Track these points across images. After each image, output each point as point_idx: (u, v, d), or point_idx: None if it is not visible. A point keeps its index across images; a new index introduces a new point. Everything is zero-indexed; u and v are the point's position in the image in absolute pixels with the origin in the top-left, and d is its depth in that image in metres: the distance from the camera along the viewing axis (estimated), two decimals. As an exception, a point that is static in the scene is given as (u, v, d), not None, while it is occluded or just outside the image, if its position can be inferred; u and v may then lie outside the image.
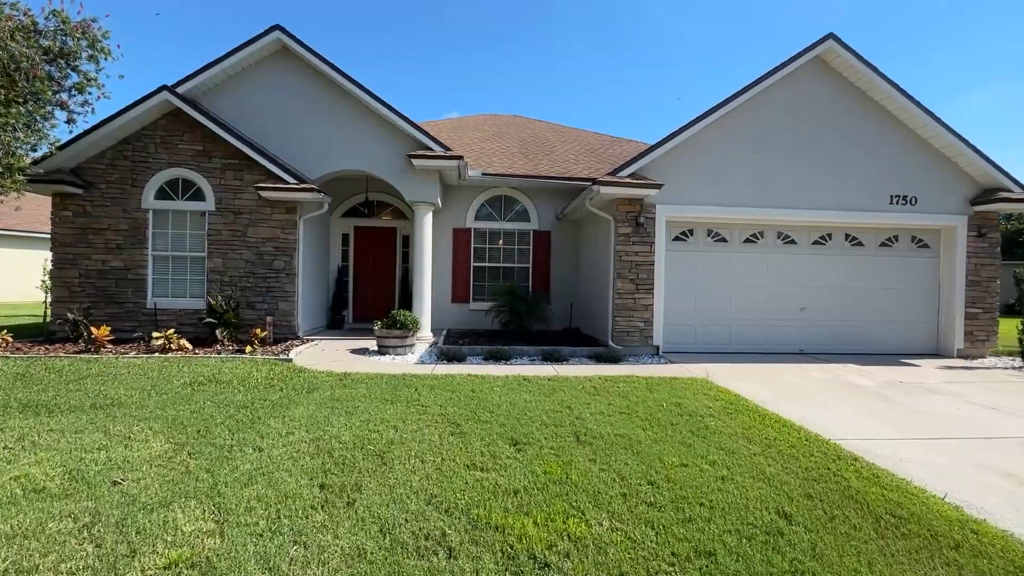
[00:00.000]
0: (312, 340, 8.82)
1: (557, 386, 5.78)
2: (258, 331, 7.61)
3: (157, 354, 7.10)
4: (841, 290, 8.67)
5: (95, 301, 8.56)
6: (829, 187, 8.31)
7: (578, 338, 9.30)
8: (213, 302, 7.97)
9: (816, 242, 8.69)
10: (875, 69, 8.14)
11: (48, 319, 9.30)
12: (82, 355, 6.94)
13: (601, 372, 6.70)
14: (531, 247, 10.70)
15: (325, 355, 7.60)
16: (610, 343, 8.09)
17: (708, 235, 8.53)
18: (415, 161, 8.64)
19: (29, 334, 9.04)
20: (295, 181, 8.52)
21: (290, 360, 6.96)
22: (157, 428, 4.02)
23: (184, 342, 7.41)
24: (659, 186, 7.73)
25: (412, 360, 7.39)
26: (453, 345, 8.13)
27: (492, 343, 8.59)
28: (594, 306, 9.46)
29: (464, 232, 10.54)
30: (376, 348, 8.07)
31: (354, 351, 8.01)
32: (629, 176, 7.88)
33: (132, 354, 7.07)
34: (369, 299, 11.13)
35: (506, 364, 7.27)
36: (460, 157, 8.71)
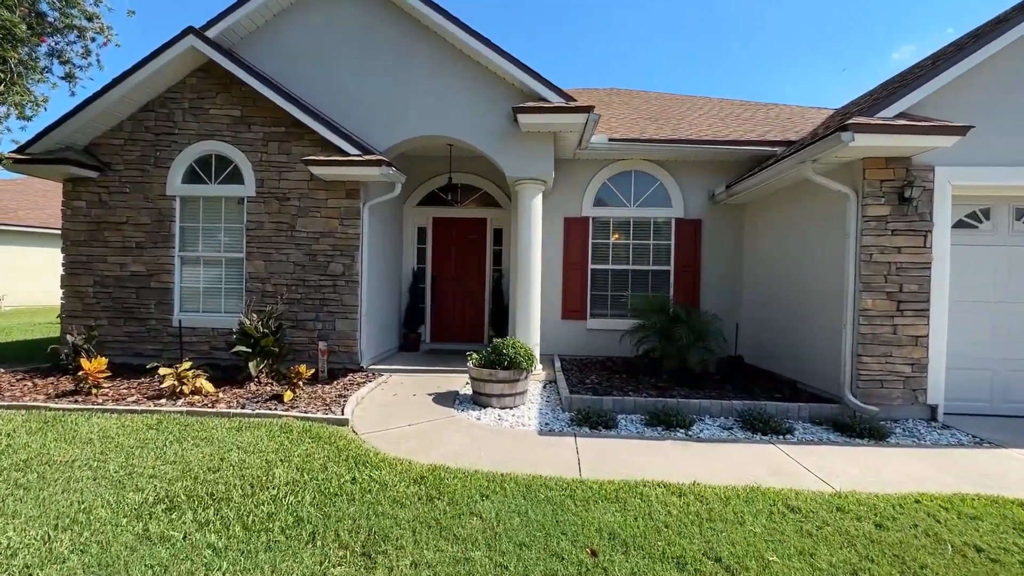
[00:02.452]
0: (379, 374, 6.33)
1: (861, 525, 2.76)
2: (302, 369, 5.17)
3: (163, 401, 4.86)
4: None
5: (113, 316, 6.61)
6: None
7: (753, 379, 6.14)
8: (247, 322, 5.67)
9: None
10: None
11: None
12: (58, 401, 4.83)
13: (877, 465, 3.61)
14: (673, 242, 7.64)
15: (397, 408, 5.03)
16: (848, 397, 4.88)
17: (1018, 218, 5.07)
18: (524, 118, 5.89)
19: (34, 356, 7.28)
20: (358, 152, 6.07)
21: (344, 421, 4.44)
22: None
23: (203, 382, 5.13)
24: (963, 130, 4.41)
25: (530, 421, 4.63)
26: (586, 392, 5.30)
27: (633, 383, 5.68)
28: (789, 331, 6.24)
29: (579, 223, 7.68)
30: (470, 394, 5.42)
31: (438, 399, 5.39)
32: (898, 118, 4.63)
33: (121, 404, 4.87)
34: (451, 312, 8.59)
35: (682, 433, 4.33)
36: (590, 108, 5.86)
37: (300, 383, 5.17)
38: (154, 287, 6.57)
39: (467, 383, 5.99)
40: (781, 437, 4.32)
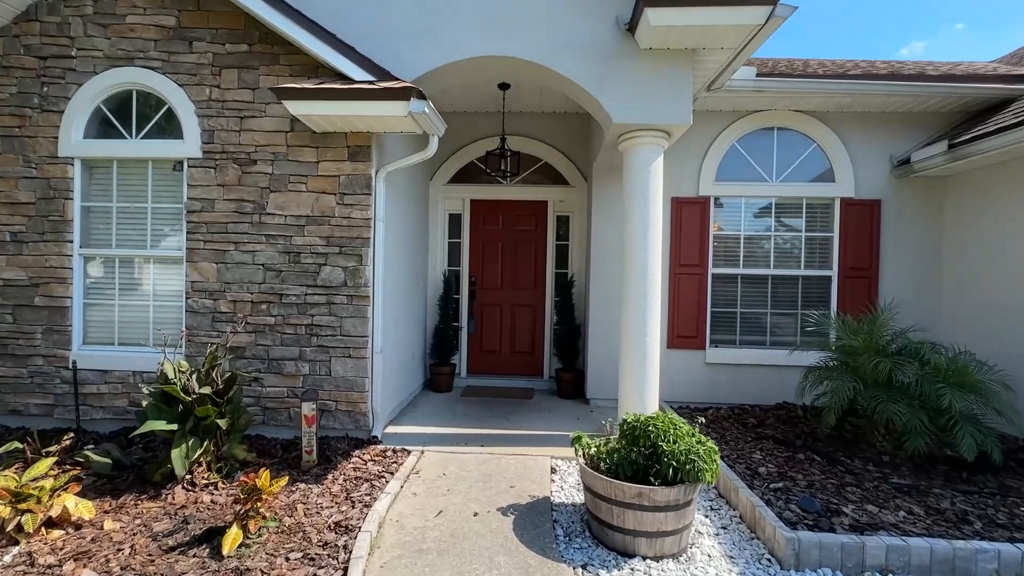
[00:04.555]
0: (403, 452, 3.82)
1: None
2: (261, 482, 2.62)
3: (-27, 556, 2.38)
4: None
5: (-21, 350, 4.12)
6: None
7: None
8: (171, 372, 3.17)
9: None
10: None
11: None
12: None
13: None
14: (836, 233, 5.11)
15: (453, 558, 2.52)
16: None
17: None
18: (660, 15, 3.35)
19: None
20: (369, 77, 3.56)
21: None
22: None
23: (71, 501, 2.63)
24: None
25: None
26: (808, 515, 2.80)
27: (836, 471, 3.15)
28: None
29: (694, 207, 5.16)
30: (567, 505, 2.92)
31: (522, 526, 2.87)
32: None
33: None
34: (497, 334, 6.08)
35: None
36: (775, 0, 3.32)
37: (266, 493, 2.65)
38: (40, 305, 4.07)
39: (555, 475, 3.51)
40: None
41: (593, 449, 2.92)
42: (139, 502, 2.93)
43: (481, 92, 5.27)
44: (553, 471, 3.58)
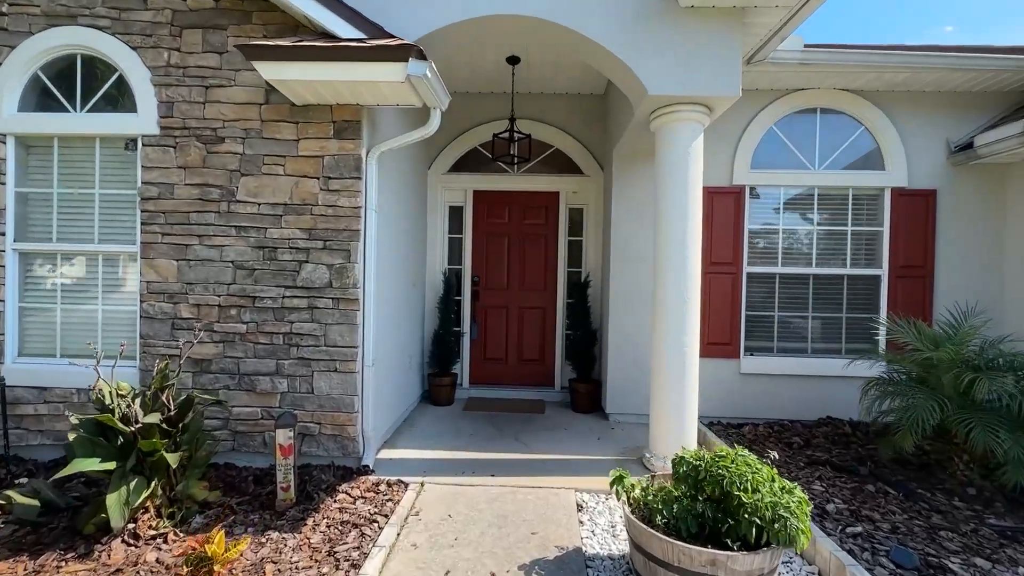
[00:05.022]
0: (398, 485, 3.20)
1: None
2: (212, 548, 2.00)
3: None
4: None
5: None
6: None
7: None
8: (107, 395, 2.53)
9: None
10: None
11: None
12: None
13: None
14: (887, 227, 4.55)
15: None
16: None
17: None
18: (710, -43, 2.78)
19: None
20: (359, 34, 2.94)
21: None
22: None
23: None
24: None
25: None
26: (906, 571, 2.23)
27: (914, 506, 2.56)
28: None
29: (727, 197, 4.58)
30: (602, 557, 2.33)
31: (554, 589, 2.28)
32: None
33: None
34: (503, 340, 5.47)
35: None
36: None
37: (220, 561, 2.03)
38: (-34, 309, 3.42)
39: (583, 514, 2.91)
40: None
41: (638, 490, 2.32)
42: (63, 562, 2.30)
43: (488, 67, 4.66)
44: (580, 508, 2.98)
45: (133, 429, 2.47)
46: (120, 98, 3.43)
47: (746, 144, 4.57)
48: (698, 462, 2.15)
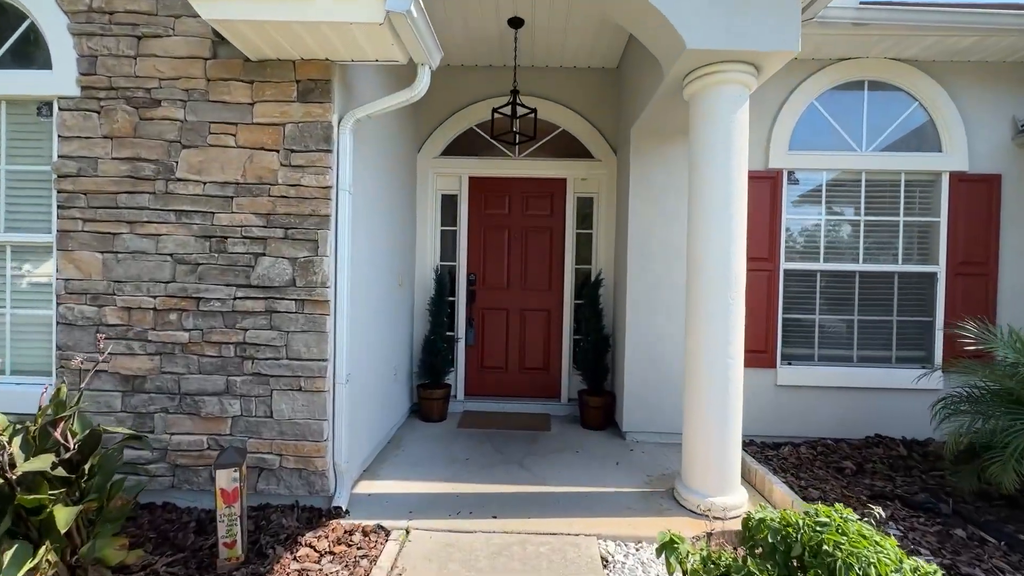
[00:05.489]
0: (378, 533, 2.56)
1: None
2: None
3: None
4: None
5: None
6: None
7: None
8: (-19, 435, 1.87)
9: None
10: None
11: None
12: None
13: None
14: (944, 217, 3.97)
15: None
16: None
17: None
18: None
19: None
20: (322, -38, 2.29)
21: None
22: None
23: None
24: None
25: None
26: None
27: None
28: None
29: (762, 182, 3.98)
30: None
31: None
32: None
33: None
34: (502, 346, 4.84)
35: None
36: None
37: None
38: None
39: (609, 570, 2.29)
40: None
41: (695, 560, 1.71)
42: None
43: (487, 31, 4.03)
44: (605, 564, 2.37)
45: (11, 478, 1.81)
46: (32, 52, 2.76)
47: (784, 122, 3.98)
48: (786, 528, 1.53)
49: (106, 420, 2.65)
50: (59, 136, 2.70)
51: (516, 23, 3.86)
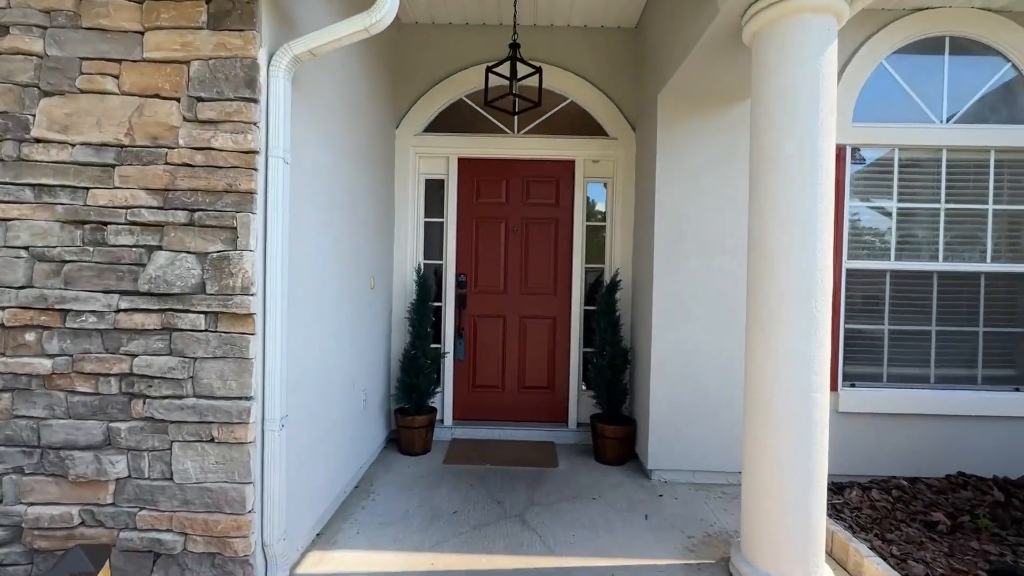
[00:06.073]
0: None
1: None
2: None
3: None
4: None
5: None
6: None
7: None
8: None
9: None
10: None
11: None
12: None
13: None
14: (1045, 207, 3.24)
15: None
16: None
17: None
18: None
19: None
20: None
21: None
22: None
23: None
24: None
25: None
26: None
27: None
28: None
29: (818, 160, 3.21)
30: None
31: None
32: None
33: None
34: (498, 362, 4.04)
35: None
36: None
37: None
38: None
39: None
40: None
41: None
42: None
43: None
44: None
45: None
46: None
47: (847, 88, 3.22)
48: None
49: (-74, 488, 1.83)
50: None
51: (516, -41, 3.06)
